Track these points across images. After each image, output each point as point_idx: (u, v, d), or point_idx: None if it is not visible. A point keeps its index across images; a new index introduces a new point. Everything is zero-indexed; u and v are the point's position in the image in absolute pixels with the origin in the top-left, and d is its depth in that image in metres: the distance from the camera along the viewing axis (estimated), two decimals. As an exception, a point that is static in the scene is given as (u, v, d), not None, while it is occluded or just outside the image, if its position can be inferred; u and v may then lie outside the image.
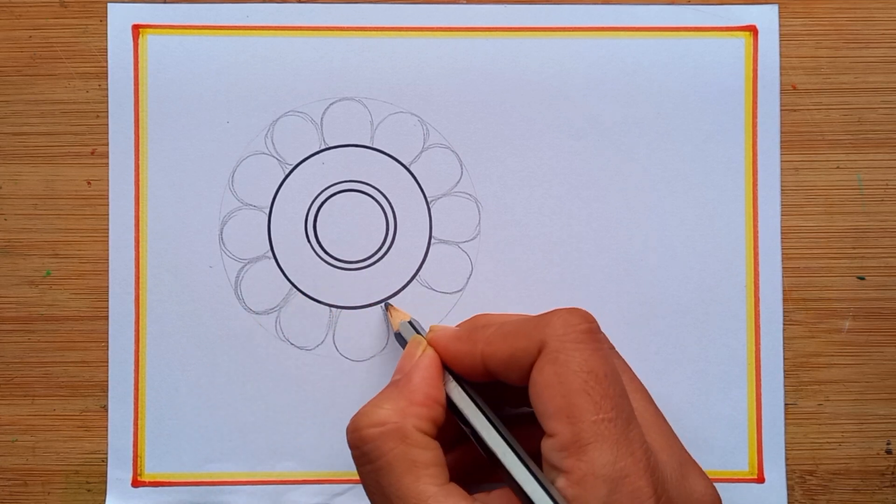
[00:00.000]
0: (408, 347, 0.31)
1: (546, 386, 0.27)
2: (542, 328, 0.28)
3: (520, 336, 0.28)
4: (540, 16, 0.36)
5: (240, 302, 0.36)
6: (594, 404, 0.26)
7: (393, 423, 0.28)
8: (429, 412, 0.29)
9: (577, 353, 0.27)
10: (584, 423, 0.26)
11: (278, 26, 0.36)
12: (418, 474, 0.27)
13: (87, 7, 0.36)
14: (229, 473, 0.35)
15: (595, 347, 0.27)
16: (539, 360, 0.27)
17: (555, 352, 0.27)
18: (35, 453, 0.36)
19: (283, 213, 0.36)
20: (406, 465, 0.27)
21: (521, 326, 0.28)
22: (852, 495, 0.36)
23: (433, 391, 0.29)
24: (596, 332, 0.28)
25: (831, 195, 0.36)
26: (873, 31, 0.36)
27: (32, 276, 0.36)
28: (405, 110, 0.36)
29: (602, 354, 0.27)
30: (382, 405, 0.28)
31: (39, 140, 0.36)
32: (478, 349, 0.29)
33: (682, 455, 0.29)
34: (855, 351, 0.36)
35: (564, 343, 0.27)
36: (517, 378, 0.28)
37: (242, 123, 0.36)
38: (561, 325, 0.27)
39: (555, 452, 0.26)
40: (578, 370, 0.27)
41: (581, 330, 0.27)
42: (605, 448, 0.26)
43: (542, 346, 0.27)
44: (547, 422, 0.27)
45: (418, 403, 0.29)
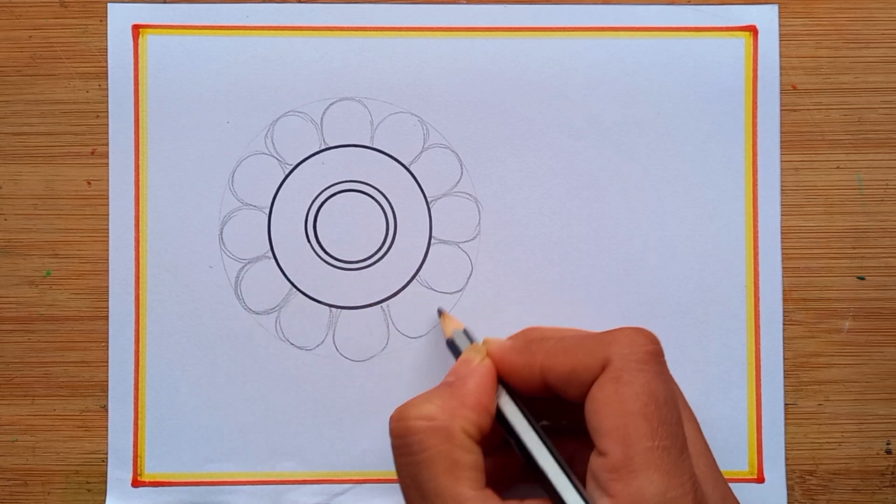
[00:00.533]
0: (466, 353, 0.31)
1: (605, 404, 0.27)
2: (606, 345, 0.28)
3: (583, 351, 0.28)
4: (540, 16, 0.36)
5: (240, 302, 0.36)
6: (651, 430, 0.26)
7: (441, 420, 0.28)
8: (477, 418, 0.28)
9: (640, 375, 0.27)
10: (639, 448, 0.26)
11: (278, 26, 0.36)
12: (458, 475, 0.27)
13: (87, 7, 0.36)
14: (229, 473, 0.35)
15: (659, 371, 0.27)
16: (602, 377, 0.27)
17: (618, 370, 0.27)
18: (35, 453, 0.36)
19: (283, 213, 0.36)
20: (447, 464, 0.27)
21: (583, 341, 0.28)
22: (852, 495, 0.36)
23: (485, 399, 0.29)
24: (660, 355, 0.28)
25: (831, 195, 0.36)
26: (873, 31, 0.36)
27: (32, 276, 0.36)
28: (405, 110, 0.36)
29: (664, 379, 0.27)
30: (433, 401, 0.28)
31: (39, 140, 0.36)
32: (537, 361, 0.29)
33: (725, 490, 0.29)
34: (855, 351, 0.36)
35: (629, 362, 0.27)
36: (575, 394, 0.28)
37: (242, 123, 0.36)
38: (627, 343, 0.27)
39: (604, 472, 0.26)
40: (640, 392, 0.26)
41: (647, 351, 0.27)
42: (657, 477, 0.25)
43: (605, 363, 0.27)
44: (600, 439, 0.27)
45: (469, 407, 0.28)
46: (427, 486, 0.27)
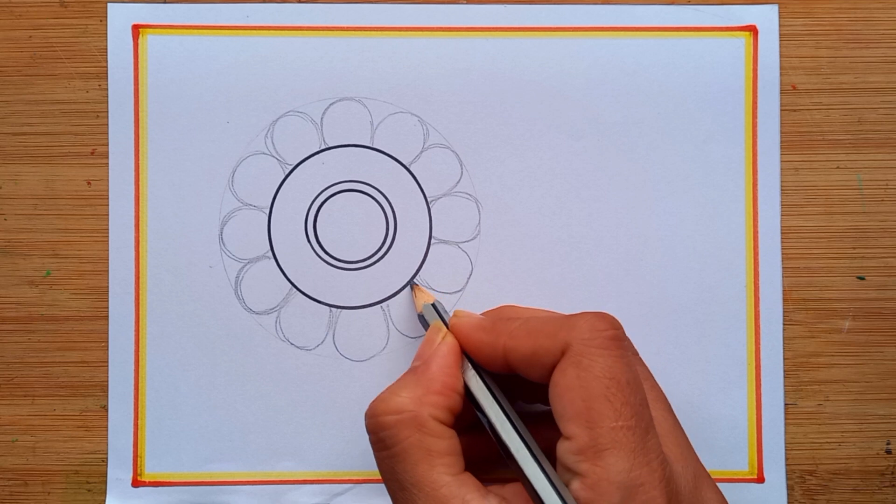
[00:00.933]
0: (428, 333, 0.31)
1: (567, 388, 0.27)
2: (567, 329, 0.28)
3: (544, 334, 0.28)
4: (540, 16, 0.36)
5: (240, 302, 0.36)
6: (614, 411, 0.26)
7: (409, 412, 0.28)
8: (446, 401, 0.29)
9: (600, 359, 0.27)
10: (603, 429, 0.26)
11: (278, 26, 0.36)
12: (433, 463, 0.27)
13: (87, 7, 0.36)
14: (229, 473, 0.35)
15: (619, 354, 0.27)
16: (562, 362, 0.27)
17: (578, 355, 0.27)
18: (35, 453, 0.36)
19: (283, 213, 0.36)
20: (421, 453, 0.27)
21: (546, 324, 0.28)
22: (852, 495, 0.36)
23: (451, 380, 0.29)
24: (621, 339, 0.28)
25: (831, 195, 0.36)
26: (873, 31, 0.36)
27: (32, 276, 0.36)
28: (405, 110, 0.36)
29: (626, 361, 0.27)
30: (400, 393, 0.29)
31: (39, 140, 0.36)
32: (500, 342, 0.29)
33: (696, 467, 0.29)
34: (855, 351, 0.36)
35: (589, 347, 0.27)
36: (537, 375, 0.28)
37: (242, 123, 0.36)
38: (587, 328, 0.27)
39: (570, 455, 0.26)
40: (601, 375, 0.27)
41: (607, 336, 0.27)
42: (622, 455, 0.26)
43: (566, 347, 0.27)
44: (565, 424, 0.27)
45: (435, 392, 0.29)
46: (404, 478, 0.27)
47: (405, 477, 0.27)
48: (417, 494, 0.27)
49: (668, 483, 0.26)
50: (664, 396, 0.31)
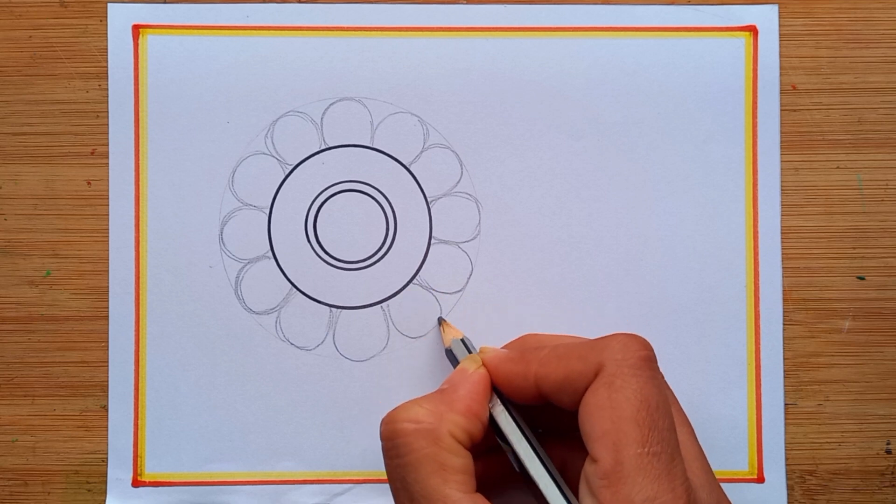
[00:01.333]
0: (463, 362, 0.31)
1: (598, 409, 0.27)
2: (599, 351, 0.28)
3: (575, 358, 0.28)
4: (540, 16, 0.36)
5: (240, 302, 0.36)
6: (641, 435, 0.26)
7: (428, 423, 0.28)
8: (467, 423, 0.29)
9: (633, 380, 0.27)
10: (629, 454, 0.26)
11: (278, 26, 0.36)
12: (446, 478, 0.27)
13: (87, 7, 0.36)
14: (229, 473, 0.35)
15: (651, 376, 0.27)
16: (595, 383, 0.27)
17: (611, 376, 0.27)
18: (35, 453, 0.36)
19: (283, 213, 0.36)
20: (435, 466, 0.27)
21: (577, 349, 0.28)
22: (852, 495, 0.36)
23: (476, 406, 0.29)
24: (653, 361, 0.28)
25: (831, 195, 0.36)
26: (873, 31, 0.36)
27: (32, 276, 0.36)
28: (405, 110, 0.36)
29: (657, 384, 0.27)
30: (422, 405, 0.29)
31: (39, 140, 0.36)
32: (531, 370, 0.29)
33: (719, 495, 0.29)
34: (855, 351, 0.36)
35: (622, 368, 0.27)
36: (569, 401, 0.28)
37: (242, 123, 0.36)
38: (620, 349, 0.27)
39: (595, 479, 0.26)
40: (632, 397, 0.27)
41: (640, 357, 0.27)
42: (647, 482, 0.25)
43: (598, 369, 0.27)
44: (592, 445, 0.27)
45: (458, 412, 0.29)
46: (415, 488, 0.27)
47: (416, 488, 0.27)
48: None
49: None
50: (689, 421, 0.31)
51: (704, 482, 0.28)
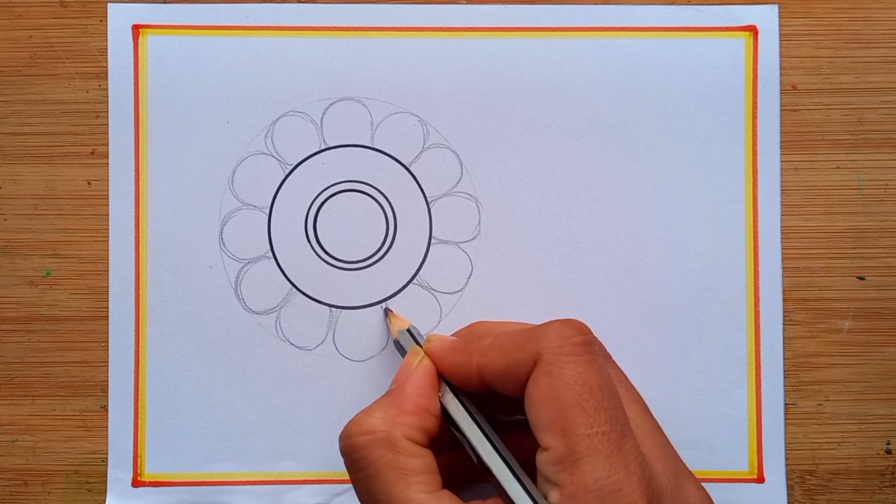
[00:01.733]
0: (406, 358, 0.31)
1: (541, 399, 0.27)
2: (536, 340, 0.28)
3: (515, 348, 0.28)
4: (540, 16, 0.36)
5: (240, 302, 0.36)
6: (588, 417, 0.26)
7: (382, 432, 0.28)
8: (419, 421, 0.29)
9: (571, 366, 0.27)
10: (578, 437, 0.26)
11: (278, 26, 0.36)
12: (408, 482, 0.27)
13: (87, 7, 0.36)
14: (229, 473, 0.35)
15: (589, 360, 0.27)
16: (534, 373, 0.27)
17: (549, 364, 0.27)
18: (35, 453, 0.36)
19: (283, 213, 0.36)
20: (395, 472, 0.27)
21: (516, 338, 0.28)
22: (852, 495, 0.36)
23: (425, 401, 0.29)
24: (590, 344, 0.28)
25: (831, 195, 0.36)
26: (873, 31, 0.36)
27: (32, 276, 0.36)
28: (405, 110, 0.36)
29: (597, 366, 0.27)
30: (373, 414, 0.29)
31: (39, 140, 0.36)
32: (474, 361, 0.29)
33: (677, 465, 0.29)
34: (855, 351, 0.36)
35: (558, 356, 0.27)
36: (513, 389, 0.28)
37: (242, 123, 0.36)
38: (555, 336, 0.27)
39: (549, 466, 0.26)
40: (572, 383, 0.27)
41: (575, 342, 0.27)
42: (598, 462, 0.26)
43: (536, 358, 0.27)
44: (541, 435, 0.27)
45: (409, 412, 0.29)
46: (380, 498, 0.27)
47: (380, 497, 0.27)
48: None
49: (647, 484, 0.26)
50: (640, 397, 0.31)
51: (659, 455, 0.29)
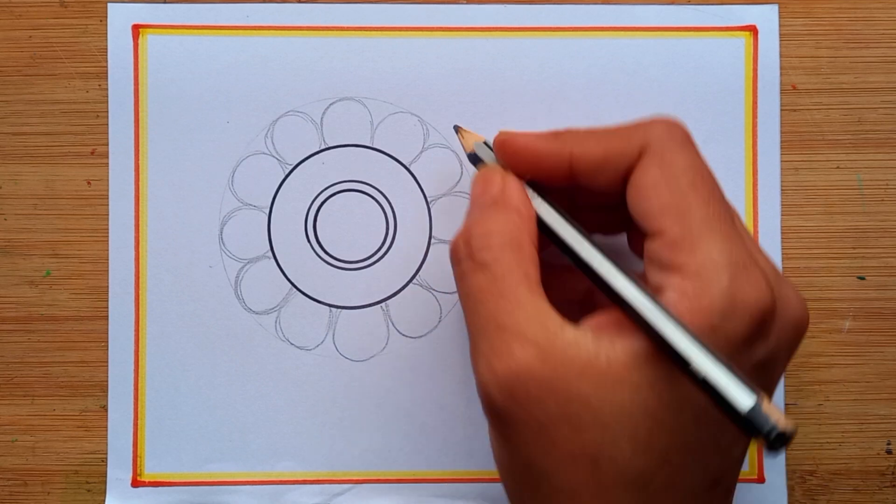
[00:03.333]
0: (484, 173, 0.30)
1: (652, 185, 0.26)
2: (643, 131, 0.27)
3: (616, 138, 0.27)
4: (540, 16, 0.36)
5: (240, 302, 0.36)
6: (703, 200, 0.26)
7: (510, 233, 0.27)
8: (533, 228, 0.28)
9: (682, 154, 0.27)
10: (695, 218, 0.25)
11: (278, 26, 0.36)
12: (532, 287, 0.27)
13: (87, 7, 0.36)
14: (229, 473, 0.35)
15: (697, 151, 0.27)
16: (643, 161, 0.27)
17: (660, 153, 0.27)
18: (35, 453, 0.36)
19: (283, 213, 0.36)
20: (522, 274, 0.27)
21: (617, 130, 0.28)
22: (852, 495, 0.36)
23: (531, 209, 0.28)
24: (692, 139, 0.27)
25: (831, 195, 0.36)
26: (873, 31, 0.36)
27: (32, 276, 0.36)
28: (405, 110, 0.36)
29: (703, 158, 0.27)
30: (494, 217, 0.28)
31: (39, 140, 0.36)
32: (566, 149, 0.28)
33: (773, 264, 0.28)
34: (855, 351, 0.36)
35: (669, 144, 0.27)
36: (605, 182, 0.28)
37: (242, 123, 0.36)
38: (664, 128, 0.27)
39: (664, 250, 0.26)
40: (686, 168, 0.26)
41: (684, 134, 0.27)
42: (719, 240, 0.25)
43: (643, 147, 0.27)
44: (653, 220, 0.26)
45: (527, 218, 0.28)
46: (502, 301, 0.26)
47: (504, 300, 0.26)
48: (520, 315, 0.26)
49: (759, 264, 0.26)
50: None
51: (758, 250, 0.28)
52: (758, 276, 0.25)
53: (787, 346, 0.27)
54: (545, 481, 0.26)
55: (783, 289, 0.27)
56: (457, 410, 0.36)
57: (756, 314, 0.25)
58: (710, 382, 0.23)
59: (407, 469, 0.36)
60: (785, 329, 0.27)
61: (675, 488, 0.26)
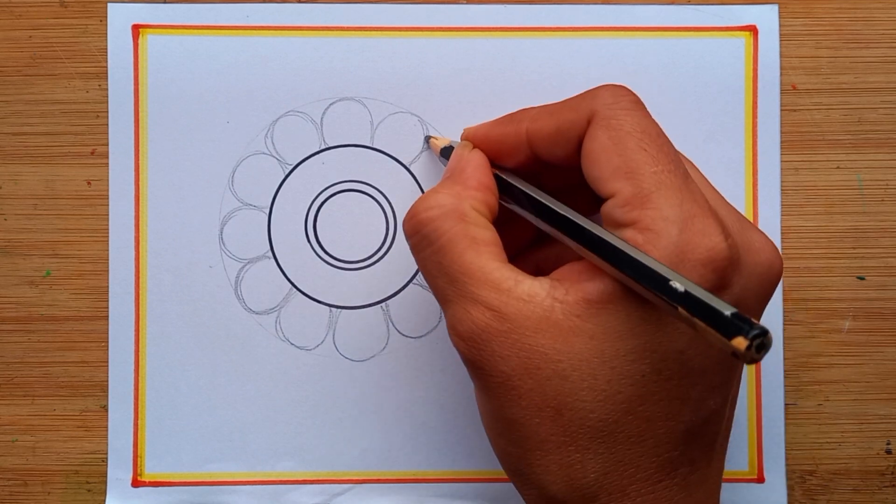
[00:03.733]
0: (456, 150, 0.31)
1: (601, 150, 0.27)
2: (589, 100, 0.28)
3: (566, 110, 0.28)
4: (540, 16, 0.36)
5: (240, 302, 0.36)
6: (652, 158, 0.26)
7: (451, 204, 0.28)
8: (483, 196, 0.29)
9: (628, 117, 0.27)
10: (645, 176, 0.26)
11: (278, 26, 0.36)
12: (479, 250, 0.27)
13: (87, 7, 0.36)
14: (229, 473, 0.35)
15: (644, 113, 0.27)
16: (591, 129, 0.27)
17: (606, 118, 0.27)
18: (35, 453, 0.36)
19: (283, 213, 0.36)
20: (467, 241, 0.27)
21: (566, 102, 0.29)
22: (852, 495, 0.36)
23: (486, 179, 0.29)
24: (642, 102, 0.28)
25: (831, 195, 0.36)
26: (873, 31, 0.36)
27: (32, 276, 0.36)
28: (405, 110, 0.36)
29: (652, 119, 0.27)
30: (438, 191, 0.29)
31: (39, 140, 0.36)
32: (522, 128, 0.29)
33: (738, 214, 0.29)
34: (855, 351, 0.36)
35: (615, 109, 0.27)
36: (562, 153, 0.28)
37: (242, 123, 0.36)
38: (609, 94, 0.28)
39: (618, 209, 0.26)
40: (632, 130, 0.27)
41: (630, 99, 0.28)
42: (669, 194, 0.26)
43: (591, 115, 0.27)
44: (605, 184, 0.27)
45: (473, 188, 0.29)
46: (452, 269, 0.27)
47: (454, 268, 0.27)
48: (469, 282, 0.27)
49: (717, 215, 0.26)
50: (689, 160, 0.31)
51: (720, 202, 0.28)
52: (711, 226, 0.25)
53: (755, 294, 0.27)
54: (515, 430, 0.27)
55: (749, 236, 0.28)
56: (457, 410, 0.36)
57: (709, 263, 0.25)
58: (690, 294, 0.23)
59: (407, 469, 0.36)
60: (751, 277, 0.27)
61: (643, 439, 0.26)
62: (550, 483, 0.27)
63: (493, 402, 0.27)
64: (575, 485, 0.26)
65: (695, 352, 0.26)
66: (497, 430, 0.28)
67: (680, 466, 0.27)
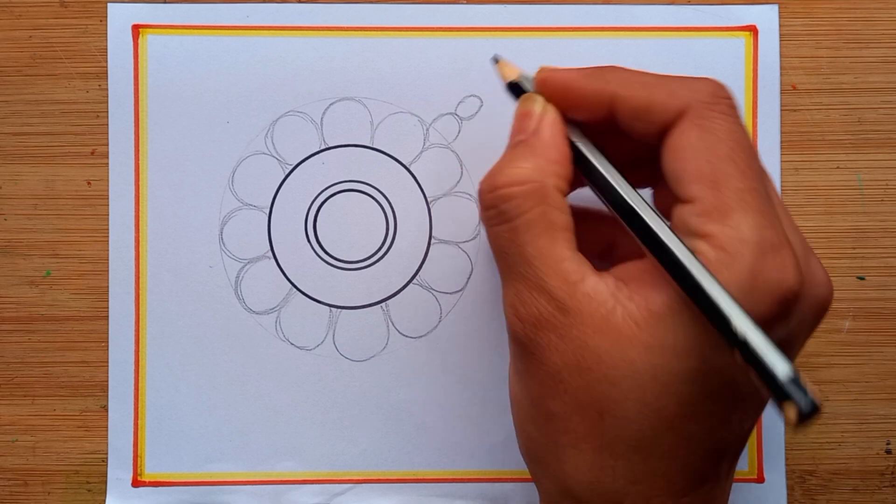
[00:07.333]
0: (522, 106, 0.29)
1: (689, 150, 0.26)
2: (688, 89, 0.26)
3: (662, 88, 0.27)
4: (540, 16, 0.36)
5: (240, 302, 0.36)
6: (740, 172, 0.25)
7: (535, 182, 0.27)
8: (563, 170, 0.27)
9: (723, 122, 0.26)
10: (730, 190, 0.25)
11: (278, 26, 0.36)
12: (555, 236, 0.26)
13: (87, 7, 0.36)
14: (229, 473, 0.35)
15: (739, 121, 0.26)
16: (682, 122, 0.26)
17: (700, 117, 0.26)
18: (35, 453, 0.36)
19: (283, 213, 0.36)
20: (544, 224, 0.26)
21: (665, 81, 0.27)
22: (852, 495, 0.36)
23: (564, 147, 0.28)
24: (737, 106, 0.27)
25: (831, 195, 0.36)
26: (873, 31, 0.36)
27: (32, 276, 0.36)
28: (405, 110, 0.36)
29: (744, 128, 0.26)
30: (519, 164, 0.27)
31: (39, 140, 0.36)
32: (609, 89, 0.27)
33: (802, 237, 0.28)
34: (855, 351, 0.36)
35: (713, 111, 0.26)
36: (643, 130, 0.27)
37: (242, 123, 0.36)
38: (709, 92, 0.26)
39: (694, 217, 0.25)
40: (726, 138, 0.26)
41: (729, 103, 0.26)
42: (751, 215, 0.25)
43: (685, 107, 0.26)
44: (686, 186, 0.26)
45: (554, 161, 0.27)
46: (525, 249, 0.26)
47: (527, 249, 0.26)
48: (539, 266, 0.26)
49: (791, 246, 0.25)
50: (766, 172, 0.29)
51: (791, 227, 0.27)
52: (787, 258, 0.25)
53: (808, 326, 0.27)
54: (552, 422, 0.26)
55: (811, 268, 0.27)
56: (457, 410, 0.36)
57: (779, 297, 0.25)
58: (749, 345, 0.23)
59: (407, 469, 0.36)
60: (809, 311, 0.26)
61: (678, 456, 0.26)
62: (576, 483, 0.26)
63: (536, 389, 0.27)
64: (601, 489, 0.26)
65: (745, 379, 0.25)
66: (530, 415, 0.27)
67: (707, 482, 0.27)
